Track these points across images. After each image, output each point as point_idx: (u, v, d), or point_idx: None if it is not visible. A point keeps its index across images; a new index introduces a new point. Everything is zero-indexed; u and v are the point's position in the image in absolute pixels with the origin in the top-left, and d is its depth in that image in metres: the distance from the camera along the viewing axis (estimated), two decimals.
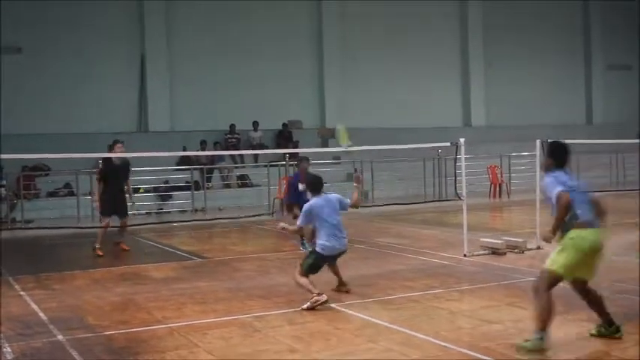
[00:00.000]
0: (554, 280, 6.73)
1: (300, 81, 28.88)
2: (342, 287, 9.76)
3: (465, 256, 12.21)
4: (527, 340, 6.68)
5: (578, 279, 6.95)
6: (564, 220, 6.74)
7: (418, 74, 30.89)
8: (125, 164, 14.24)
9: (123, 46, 26.11)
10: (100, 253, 13.81)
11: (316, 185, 9.57)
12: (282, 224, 9.69)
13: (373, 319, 8.15)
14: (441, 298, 9.17)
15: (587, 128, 34.26)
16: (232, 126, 26.19)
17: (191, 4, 26.71)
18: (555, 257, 6.78)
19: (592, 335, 7.09)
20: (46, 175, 23.04)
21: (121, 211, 14.11)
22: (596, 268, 6.91)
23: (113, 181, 13.90)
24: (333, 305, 8.86)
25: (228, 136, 26.05)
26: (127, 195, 14.37)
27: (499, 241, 12.69)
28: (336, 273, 9.74)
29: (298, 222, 9.52)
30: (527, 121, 31.80)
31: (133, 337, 7.71)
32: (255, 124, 26.59)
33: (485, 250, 12.57)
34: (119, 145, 14.09)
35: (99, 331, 8.02)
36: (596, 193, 7.31)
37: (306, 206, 9.36)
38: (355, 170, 9.54)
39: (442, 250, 13.11)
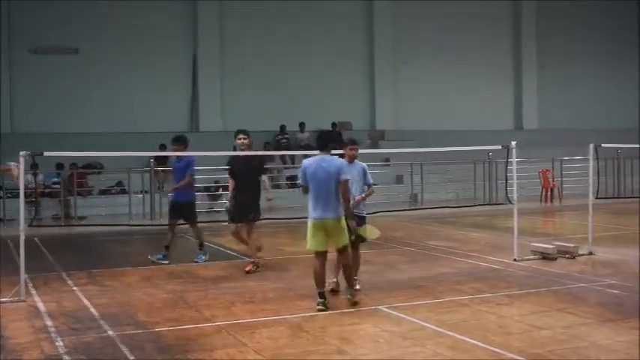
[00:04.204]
0: None
1: (351, 82, 28.88)
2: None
3: (515, 260, 12.09)
4: None
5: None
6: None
7: (470, 76, 30.66)
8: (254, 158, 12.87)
9: (176, 46, 26.45)
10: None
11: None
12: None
13: (421, 322, 8.11)
14: (491, 303, 9.08)
15: None
16: (283, 127, 26.29)
17: (243, 6, 26.91)
18: None
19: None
20: (99, 173, 23.40)
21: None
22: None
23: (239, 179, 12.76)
24: (381, 307, 8.84)
25: (279, 136, 26.16)
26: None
27: (550, 246, 12.52)
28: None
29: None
30: (580, 125, 31.25)
31: (182, 334, 7.78)
32: (302, 125, 26.62)
33: (535, 254, 12.42)
34: (240, 136, 12.37)
35: (149, 327, 8.11)
36: None
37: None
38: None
39: (492, 254, 13.00)
